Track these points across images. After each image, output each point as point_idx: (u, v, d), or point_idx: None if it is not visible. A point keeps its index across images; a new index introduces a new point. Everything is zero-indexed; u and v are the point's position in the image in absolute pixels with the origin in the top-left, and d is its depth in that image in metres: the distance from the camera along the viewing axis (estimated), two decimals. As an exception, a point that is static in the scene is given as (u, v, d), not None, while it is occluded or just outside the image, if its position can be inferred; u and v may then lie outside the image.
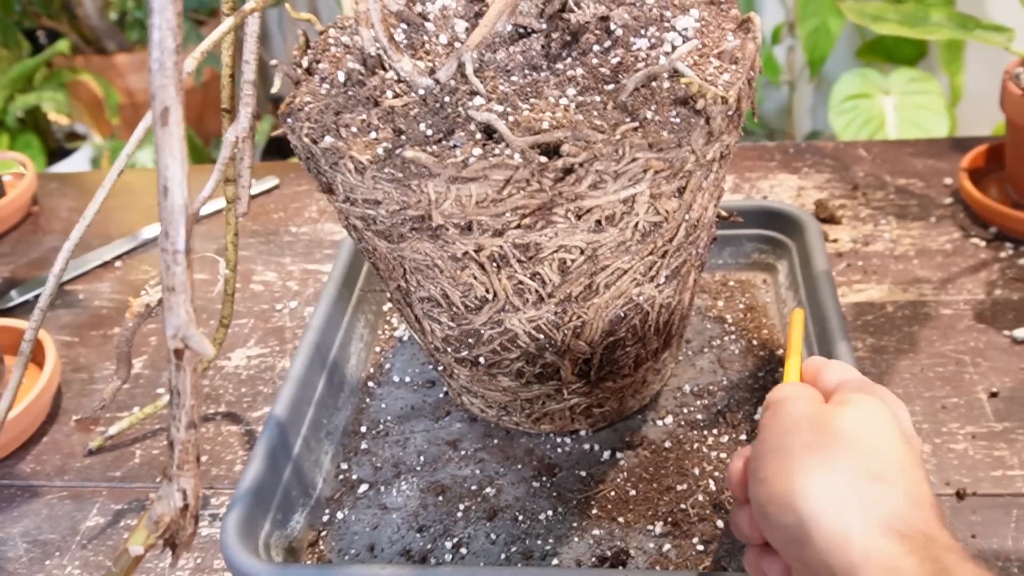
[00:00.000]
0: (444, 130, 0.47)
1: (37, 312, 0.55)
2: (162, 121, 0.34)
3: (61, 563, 0.58)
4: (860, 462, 0.37)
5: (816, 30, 1.79)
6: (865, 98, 1.70)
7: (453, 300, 0.52)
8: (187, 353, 0.35)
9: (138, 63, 1.87)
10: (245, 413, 0.67)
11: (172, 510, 0.37)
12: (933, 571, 0.32)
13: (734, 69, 0.49)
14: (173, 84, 0.33)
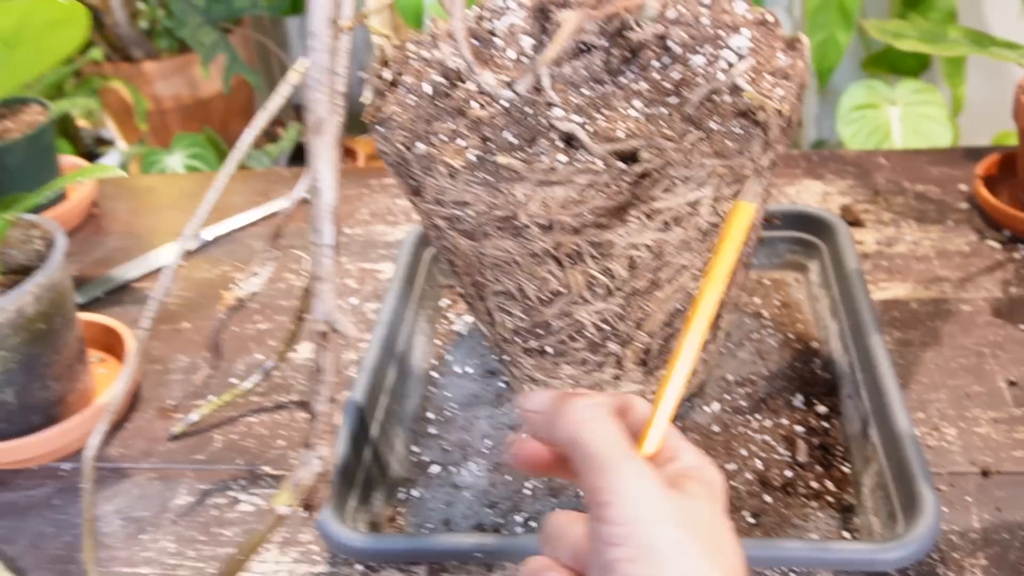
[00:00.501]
0: (527, 138, 0.53)
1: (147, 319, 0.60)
2: (316, 131, 0.38)
3: (155, 537, 0.63)
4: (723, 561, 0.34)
5: (824, 42, 1.85)
6: (872, 108, 1.76)
7: (527, 293, 0.57)
8: (332, 335, 0.40)
9: (165, 70, 1.91)
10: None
11: (311, 475, 0.42)
12: None
13: (787, 84, 0.55)
14: (327, 99, 0.38)
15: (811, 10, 1.82)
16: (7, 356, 0.65)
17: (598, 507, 0.34)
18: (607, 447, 0.35)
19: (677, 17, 0.62)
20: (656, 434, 0.38)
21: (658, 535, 0.33)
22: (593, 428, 0.36)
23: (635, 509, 0.33)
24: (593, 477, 0.35)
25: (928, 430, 0.63)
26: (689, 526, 0.34)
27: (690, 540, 0.33)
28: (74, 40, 0.57)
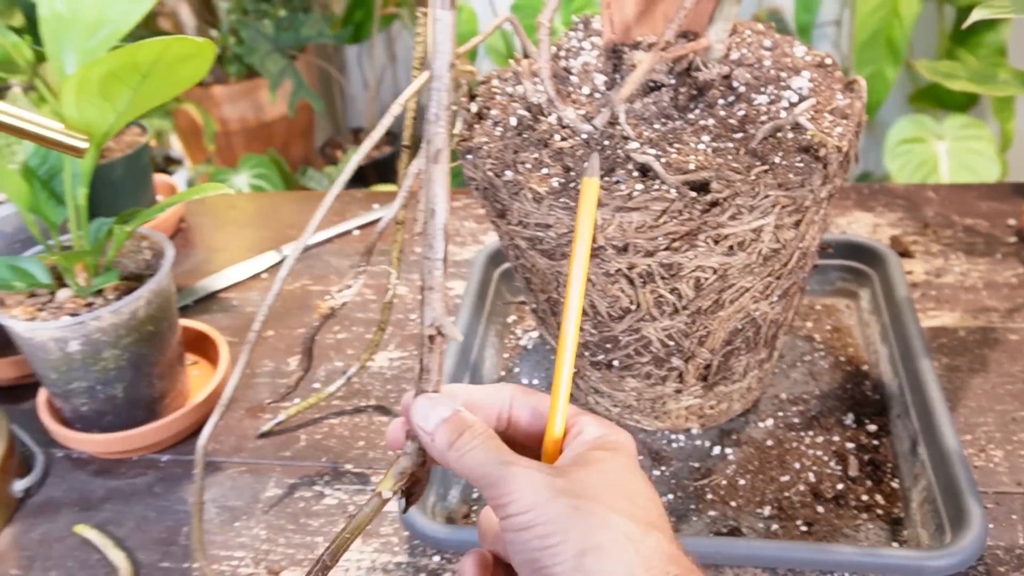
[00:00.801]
0: (606, 168, 0.58)
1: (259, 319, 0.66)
2: (435, 160, 0.43)
3: (248, 525, 0.68)
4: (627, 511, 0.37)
5: (872, 77, 1.88)
6: (919, 142, 1.79)
7: (599, 310, 0.62)
8: (439, 338, 0.45)
9: (233, 94, 2.00)
10: (393, 406, 0.78)
11: (414, 465, 0.47)
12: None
13: (845, 123, 0.59)
14: (445, 132, 0.44)
15: (859, 45, 1.86)
16: (119, 354, 0.71)
17: (502, 510, 0.38)
18: (489, 465, 0.39)
19: (741, 59, 0.67)
20: (559, 417, 0.42)
21: (556, 506, 0.37)
22: (472, 456, 0.40)
23: (529, 496, 0.37)
24: (488, 491, 0.39)
25: (975, 451, 0.67)
26: (587, 491, 0.37)
27: (589, 501, 0.37)
28: (199, 73, 0.63)
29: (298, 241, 0.64)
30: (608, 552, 0.36)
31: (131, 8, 0.67)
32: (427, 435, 0.42)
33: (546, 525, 0.37)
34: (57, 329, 0.68)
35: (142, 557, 0.67)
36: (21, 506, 0.73)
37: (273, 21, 1.88)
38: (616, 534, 0.36)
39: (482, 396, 0.45)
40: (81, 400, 0.73)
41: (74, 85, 0.61)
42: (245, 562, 0.65)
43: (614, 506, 0.37)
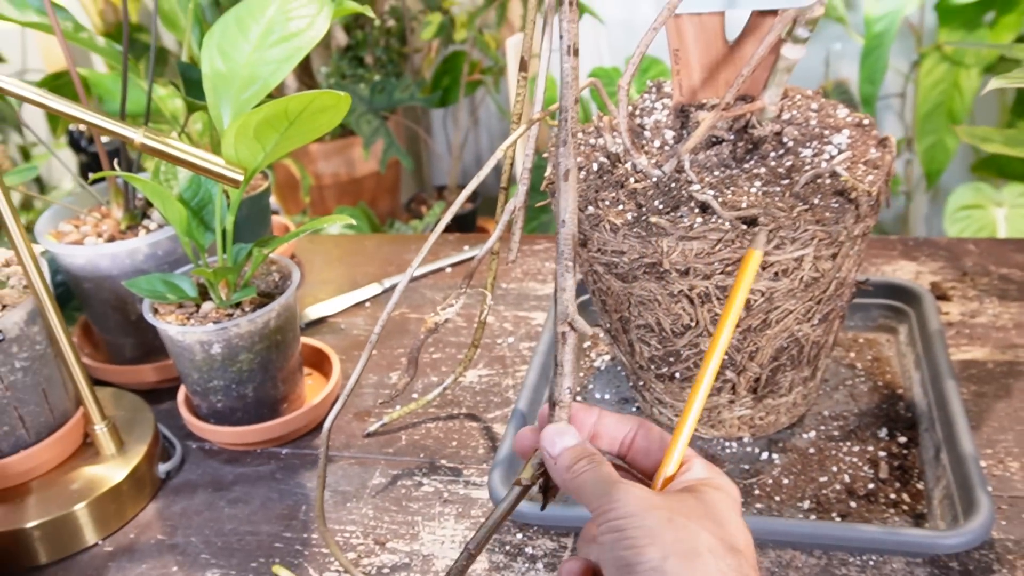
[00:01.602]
0: (672, 206, 0.69)
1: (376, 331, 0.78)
2: (565, 178, 0.53)
3: (357, 506, 0.80)
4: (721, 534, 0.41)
5: (933, 146, 1.98)
6: (978, 208, 1.87)
7: (664, 327, 0.73)
8: (571, 334, 0.53)
9: (328, 151, 2.17)
10: (481, 415, 0.89)
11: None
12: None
13: (876, 172, 0.70)
14: (573, 156, 0.53)
15: (921, 116, 1.95)
16: (252, 358, 0.84)
17: (602, 517, 0.42)
18: (599, 484, 0.44)
19: (791, 118, 0.78)
20: (676, 455, 0.47)
21: (651, 516, 0.41)
22: (584, 477, 0.45)
23: (629, 506, 0.41)
24: (595, 504, 0.43)
25: (995, 463, 0.76)
26: (682, 510, 0.41)
27: (682, 517, 0.41)
28: (334, 121, 0.77)
29: (405, 273, 0.75)
30: (690, 561, 0.39)
31: (279, 68, 0.82)
32: (551, 458, 0.47)
33: (638, 529, 0.40)
34: (204, 333, 0.82)
35: (266, 528, 0.79)
36: (163, 486, 0.85)
37: (368, 85, 2.05)
38: (700, 547, 0.40)
39: (611, 421, 0.50)
40: (217, 397, 0.86)
41: (235, 128, 0.75)
42: (356, 535, 0.77)
43: (704, 526, 0.41)
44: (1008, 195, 1.86)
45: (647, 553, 0.40)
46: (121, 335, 0.97)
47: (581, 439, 0.48)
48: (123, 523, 0.81)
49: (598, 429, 0.50)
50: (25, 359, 0.78)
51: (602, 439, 0.51)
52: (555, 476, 0.47)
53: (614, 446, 0.50)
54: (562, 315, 0.50)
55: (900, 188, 2.21)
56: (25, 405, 0.79)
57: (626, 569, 0.40)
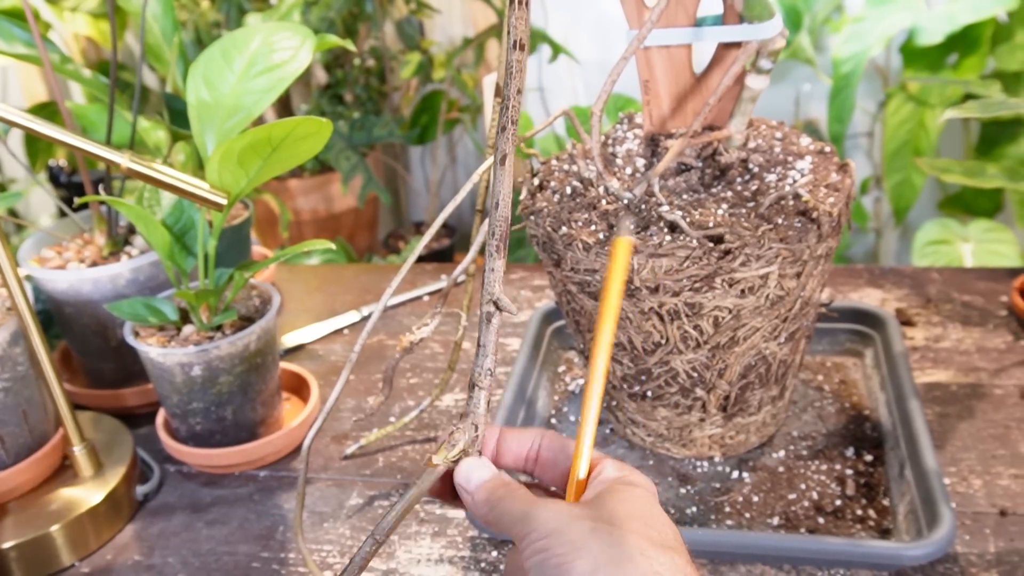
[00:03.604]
0: (642, 226, 0.72)
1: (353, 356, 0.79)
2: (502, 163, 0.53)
3: (335, 526, 0.81)
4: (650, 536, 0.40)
5: (901, 183, 2.02)
6: (946, 244, 1.91)
7: (635, 344, 0.75)
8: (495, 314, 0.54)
9: (307, 187, 2.19)
10: (458, 436, 0.90)
11: (466, 439, 0.55)
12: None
13: (837, 195, 0.73)
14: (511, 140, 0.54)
15: (888, 154, 2.00)
16: (232, 380, 0.85)
17: (525, 540, 0.41)
18: (514, 509, 0.43)
19: (756, 147, 0.81)
20: (584, 460, 0.46)
21: (573, 529, 0.39)
22: (502, 507, 0.44)
23: (549, 523, 0.40)
24: (515, 530, 0.42)
25: (958, 480, 0.78)
26: (604, 515, 0.40)
27: (605, 524, 0.39)
28: (316, 148, 0.79)
29: (380, 301, 0.77)
30: (622, 567, 0.37)
31: (262, 98, 0.84)
32: (468, 494, 0.46)
33: (563, 545, 0.39)
34: (184, 355, 0.83)
35: (244, 548, 0.79)
36: (141, 508, 0.86)
37: (348, 122, 2.08)
38: (631, 551, 0.38)
39: (512, 437, 0.49)
40: (196, 420, 0.87)
41: (219, 154, 0.77)
42: (333, 553, 0.78)
43: (630, 528, 0.39)
44: (974, 230, 1.90)
45: (577, 567, 0.38)
46: (101, 360, 0.98)
47: (495, 471, 0.47)
48: (100, 545, 0.82)
49: (500, 447, 0.49)
50: (7, 380, 0.79)
51: (506, 456, 0.50)
52: (476, 513, 0.46)
53: (519, 462, 0.49)
54: (487, 295, 0.49)
55: (870, 224, 2.25)
56: (5, 426, 0.80)
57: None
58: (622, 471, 0.45)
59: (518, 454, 0.49)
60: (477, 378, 0.50)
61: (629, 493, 0.42)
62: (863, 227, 2.23)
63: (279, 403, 0.92)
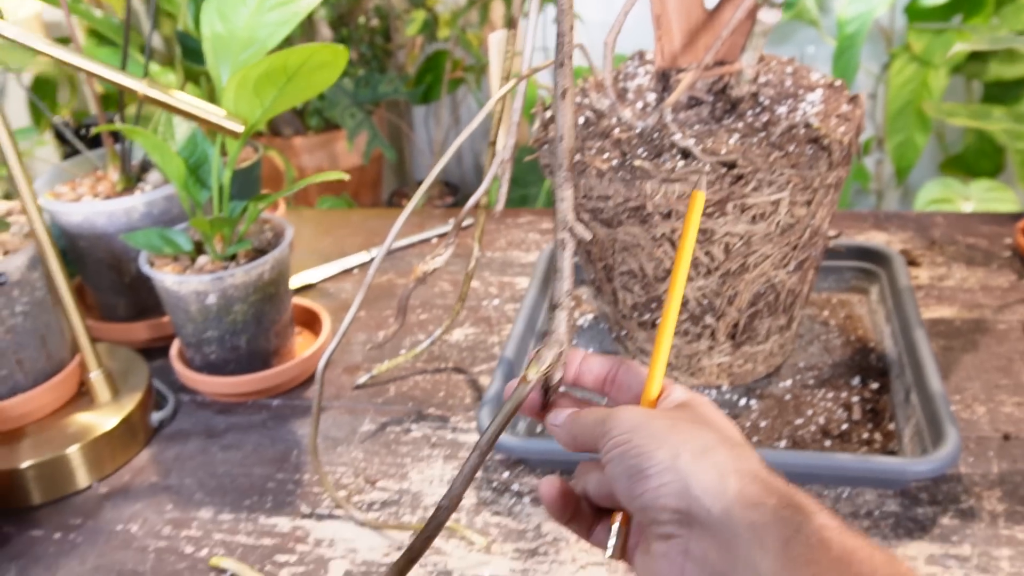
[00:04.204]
0: (654, 154, 0.73)
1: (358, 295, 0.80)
2: (562, 96, 0.54)
3: (348, 450, 0.82)
4: (723, 435, 0.42)
5: (903, 143, 2.03)
6: (947, 203, 1.92)
7: (647, 272, 0.76)
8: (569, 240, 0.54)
9: (312, 145, 2.20)
10: (467, 368, 0.92)
11: (551, 355, 0.51)
12: (789, 504, 0.38)
13: (847, 124, 0.74)
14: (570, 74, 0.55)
15: (891, 114, 2.00)
16: (246, 309, 0.86)
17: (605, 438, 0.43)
18: (593, 417, 0.45)
19: (767, 81, 0.82)
20: (657, 378, 0.48)
21: (653, 425, 0.42)
22: (582, 420, 0.46)
23: (631, 421, 0.43)
24: (596, 431, 0.44)
25: (962, 407, 0.79)
26: (680, 417, 0.43)
27: (682, 422, 0.42)
28: (331, 78, 0.79)
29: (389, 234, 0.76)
30: (701, 455, 0.40)
31: (276, 30, 0.84)
32: (557, 428, 0.49)
33: (644, 438, 0.41)
34: (200, 283, 0.84)
35: (259, 470, 0.81)
36: (156, 434, 0.87)
37: (353, 79, 2.08)
38: (707, 443, 0.41)
39: (595, 361, 0.52)
40: (211, 349, 0.88)
41: (235, 83, 0.78)
42: (347, 475, 0.79)
43: (704, 426, 0.42)
44: (976, 189, 1.91)
45: (657, 455, 0.40)
46: (114, 295, 0.99)
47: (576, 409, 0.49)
48: (117, 467, 0.83)
49: (582, 368, 0.52)
50: (25, 304, 0.80)
51: (586, 376, 0.52)
52: (563, 440, 0.48)
53: (599, 383, 0.51)
54: (561, 223, 0.51)
55: (871, 185, 2.26)
56: (24, 350, 0.81)
57: (638, 475, 0.41)
58: (689, 393, 0.48)
59: (598, 375, 0.51)
60: (557, 299, 0.51)
61: (698, 403, 0.45)
62: (865, 187, 2.23)
63: (291, 335, 0.93)
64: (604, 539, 0.47)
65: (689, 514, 0.39)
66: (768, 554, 0.36)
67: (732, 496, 0.38)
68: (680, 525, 0.40)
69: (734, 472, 0.39)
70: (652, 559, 0.41)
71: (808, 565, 0.35)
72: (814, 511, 0.37)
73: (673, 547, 0.40)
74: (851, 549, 0.35)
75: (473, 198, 0.80)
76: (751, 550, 0.36)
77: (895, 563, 0.35)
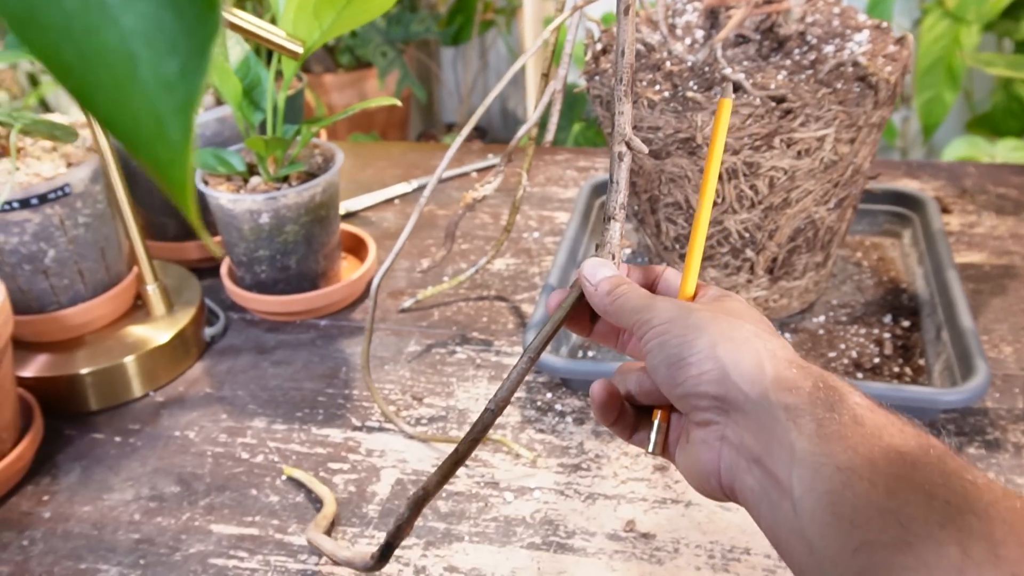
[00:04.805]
0: (705, 86, 0.75)
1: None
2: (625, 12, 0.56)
3: (395, 369, 0.85)
4: (759, 327, 0.43)
5: (931, 100, 2.03)
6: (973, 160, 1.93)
7: (692, 204, 0.79)
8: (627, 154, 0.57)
9: (342, 83, 2.21)
10: (509, 296, 0.94)
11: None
12: (824, 386, 0.39)
13: (894, 64, 0.76)
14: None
15: (921, 71, 2.00)
16: (297, 230, 0.89)
17: (645, 326, 0.43)
18: (635, 301, 0.46)
19: (814, 20, 0.83)
20: (692, 280, 0.49)
21: (693, 316, 0.42)
22: (624, 299, 0.46)
23: (671, 311, 0.43)
24: (636, 317, 0.44)
25: (990, 347, 0.82)
26: (719, 309, 0.44)
27: (721, 313, 0.43)
28: (386, 4, 0.81)
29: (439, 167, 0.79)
30: (739, 343, 0.41)
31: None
32: (591, 286, 0.49)
33: (684, 327, 0.42)
34: (253, 202, 0.86)
35: (309, 385, 0.84)
36: (208, 349, 0.91)
37: (385, 17, 2.08)
38: (746, 333, 0.41)
39: (640, 268, 0.53)
40: (262, 268, 0.91)
41: (295, 5, 0.80)
42: (395, 391, 0.82)
43: (742, 319, 0.43)
44: (1002, 149, 1.91)
45: (697, 343, 0.41)
46: (165, 215, 1.02)
47: (617, 271, 0.50)
48: (171, 378, 0.87)
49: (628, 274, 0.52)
50: (87, 216, 0.83)
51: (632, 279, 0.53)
52: (595, 302, 0.49)
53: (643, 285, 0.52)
54: (619, 136, 0.53)
55: (897, 143, 2.26)
56: (84, 261, 0.84)
57: (678, 364, 0.42)
58: (723, 291, 0.49)
59: (642, 280, 0.52)
60: (612, 212, 0.53)
61: (733, 299, 0.47)
62: (891, 143, 2.24)
63: (339, 258, 0.96)
64: (644, 438, 0.48)
65: (727, 400, 0.40)
66: (803, 434, 0.37)
67: (769, 380, 0.39)
68: (718, 412, 0.41)
69: (771, 358, 0.40)
70: (691, 446, 0.43)
71: (841, 439, 0.36)
72: (848, 391, 0.38)
73: (711, 433, 0.42)
74: (883, 424, 0.37)
75: (525, 127, 0.82)
76: (787, 431, 0.38)
77: (924, 436, 0.37)
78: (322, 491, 0.71)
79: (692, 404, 0.42)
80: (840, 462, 0.35)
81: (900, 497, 0.33)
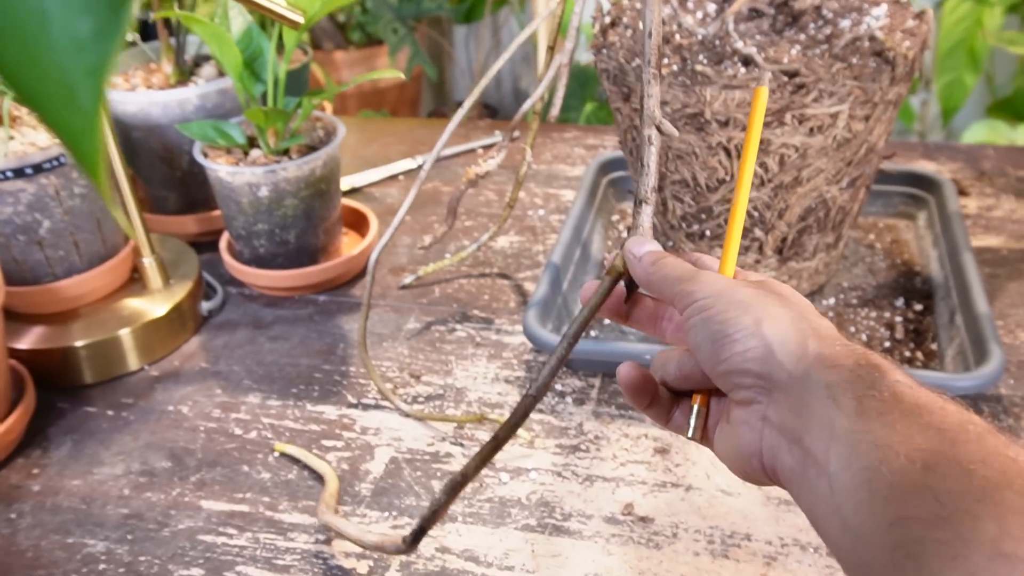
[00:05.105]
0: (715, 61, 0.72)
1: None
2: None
3: (393, 346, 0.84)
4: (801, 307, 0.42)
5: (952, 83, 1.99)
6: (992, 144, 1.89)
7: (699, 181, 0.77)
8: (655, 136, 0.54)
9: (353, 60, 2.18)
10: (513, 274, 0.93)
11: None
12: (866, 364, 0.38)
13: (913, 39, 0.73)
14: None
15: (942, 53, 1.96)
16: (297, 204, 0.87)
17: (689, 298, 0.42)
18: (678, 273, 0.45)
19: (832, -6, 0.81)
20: (731, 263, 0.48)
21: (737, 292, 0.42)
22: (668, 269, 0.45)
23: (715, 286, 0.42)
24: (679, 288, 0.44)
25: (1005, 332, 0.80)
26: (761, 289, 0.43)
27: (766, 290, 0.43)
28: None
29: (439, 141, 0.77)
30: (783, 322, 0.40)
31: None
32: (636, 258, 0.48)
33: (728, 303, 0.41)
34: (253, 175, 0.85)
35: (305, 361, 0.83)
36: (205, 323, 0.89)
37: (397, -7, 2.06)
38: (791, 311, 0.41)
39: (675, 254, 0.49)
40: (260, 242, 0.89)
41: (296, -27, 0.78)
42: (392, 369, 0.81)
43: (785, 299, 0.42)
44: (1023, 134, 1.88)
45: (742, 321, 0.41)
46: (165, 188, 1.00)
47: (660, 247, 0.49)
48: (167, 352, 0.85)
49: None
50: (83, 186, 0.82)
51: None
52: (637, 272, 0.48)
53: None
54: (648, 119, 0.51)
55: (915, 127, 2.23)
56: (80, 232, 0.83)
57: (722, 340, 0.41)
58: (765, 276, 0.47)
59: None
60: (643, 195, 0.51)
61: (774, 281, 0.45)
62: (909, 127, 2.20)
63: (339, 233, 0.94)
64: (683, 423, 0.47)
65: (770, 379, 0.40)
66: (842, 411, 0.36)
67: (812, 358, 0.39)
68: (761, 391, 0.41)
69: (814, 336, 0.40)
70: (732, 427, 0.42)
71: (880, 416, 0.35)
72: (889, 369, 0.38)
73: (753, 413, 0.41)
74: (923, 402, 0.36)
75: (530, 100, 0.80)
76: (827, 409, 0.37)
77: (965, 413, 0.36)
78: (321, 467, 0.70)
79: (735, 382, 0.41)
80: (878, 438, 0.35)
81: (937, 473, 0.33)
